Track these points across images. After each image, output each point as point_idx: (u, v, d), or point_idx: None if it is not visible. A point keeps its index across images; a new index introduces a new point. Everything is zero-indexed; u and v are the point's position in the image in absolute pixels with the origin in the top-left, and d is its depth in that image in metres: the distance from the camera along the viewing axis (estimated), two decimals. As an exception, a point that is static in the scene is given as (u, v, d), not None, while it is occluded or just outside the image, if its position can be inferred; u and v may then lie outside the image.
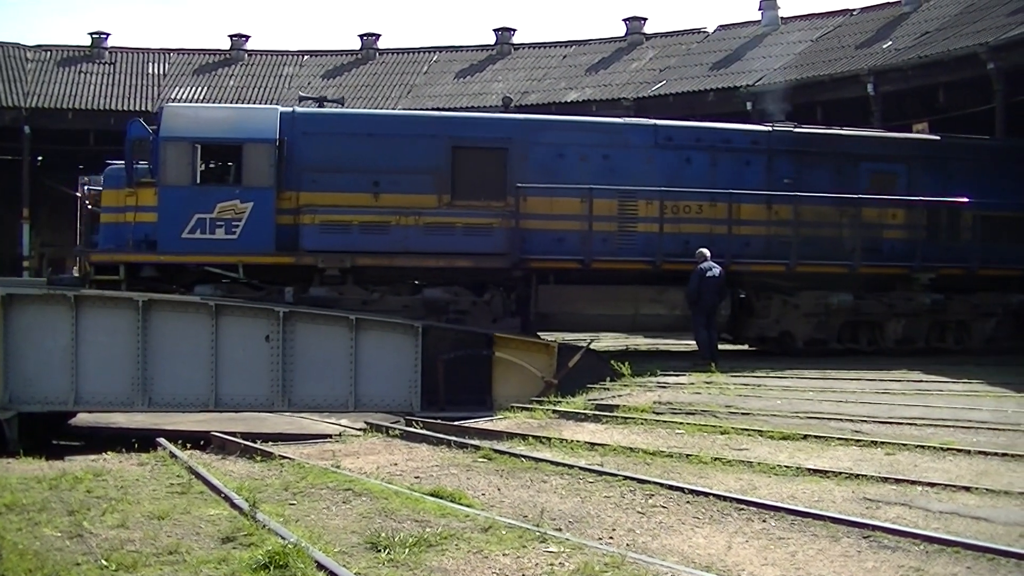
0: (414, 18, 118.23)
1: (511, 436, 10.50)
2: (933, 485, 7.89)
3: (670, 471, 8.65)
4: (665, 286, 16.43)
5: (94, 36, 35.28)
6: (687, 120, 19.44)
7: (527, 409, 12.60)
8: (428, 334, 15.10)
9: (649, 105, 28.24)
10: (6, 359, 14.60)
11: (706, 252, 15.62)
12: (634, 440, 10.13)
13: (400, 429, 11.50)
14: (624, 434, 10.51)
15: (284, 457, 9.75)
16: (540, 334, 16.88)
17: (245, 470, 9.42)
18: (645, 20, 34.37)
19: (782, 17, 31.85)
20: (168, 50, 35.92)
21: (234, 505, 7.50)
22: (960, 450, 9.15)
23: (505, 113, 21.24)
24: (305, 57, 36.38)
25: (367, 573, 5.95)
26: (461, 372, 15.08)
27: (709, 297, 15.43)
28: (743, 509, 7.29)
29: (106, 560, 6.23)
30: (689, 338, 16.86)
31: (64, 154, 35.09)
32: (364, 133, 16.57)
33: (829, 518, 6.90)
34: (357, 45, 36.56)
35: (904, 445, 9.46)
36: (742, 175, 17.19)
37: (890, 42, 26.38)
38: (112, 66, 34.38)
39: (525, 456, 9.36)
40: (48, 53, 34.50)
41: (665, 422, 11.03)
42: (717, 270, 15.45)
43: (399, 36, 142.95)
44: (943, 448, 9.23)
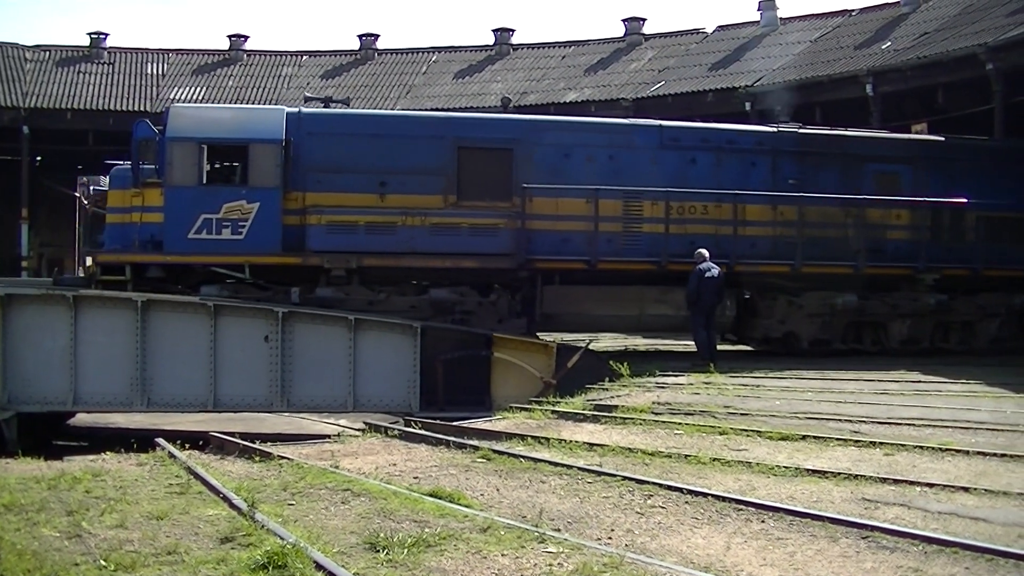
0: (413, 18, 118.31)
1: (510, 436, 10.50)
2: (932, 486, 7.89)
3: (669, 471, 8.65)
4: (671, 286, 16.42)
5: (93, 36, 35.26)
6: (686, 120, 19.43)
7: (526, 409, 12.59)
8: (427, 334, 15.10)
9: (648, 106, 28.24)
10: (5, 359, 14.59)
11: (705, 253, 15.62)
12: (633, 440, 10.14)
13: (399, 429, 11.50)
14: (623, 434, 10.51)
15: (283, 457, 9.74)
16: (546, 334, 16.91)
17: (244, 470, 9.41)
18: (644, 21, 34.39)
19: (781, 18, 31.86)
20: (167, 50, 35.91)
21: (233, 505, 7.49)
22: (959, 451, 9.16)
23: (508, 114, 21.17)
24: (304, 57, 36.37)
25: (366, 573, 5.95)
26: (460, 372, 15.08)
27: (708, 297, 15.45)
28: (742, 509, 7.29)
29: (105, 560, 6.23)
30: (689, 338, 16.87)
31: (63, 154, 35.14)
32: (370, 133, 16.58)
33: (828, 518, 6.90)
34: (356, 45, 36.55)
35: (903, 446, 9.46)
36: (747, 176, 17.22)
37: (889, 43, 26.39)
38: (111, 66, 34.37)
39: (524, 456, 9.36)
40: (47, 53, 34.49)
41: (664, 422, 11.04)
42: (716, 270, 15.46)
43: (398, 36, 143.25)
44: (942, 449, 9.24)
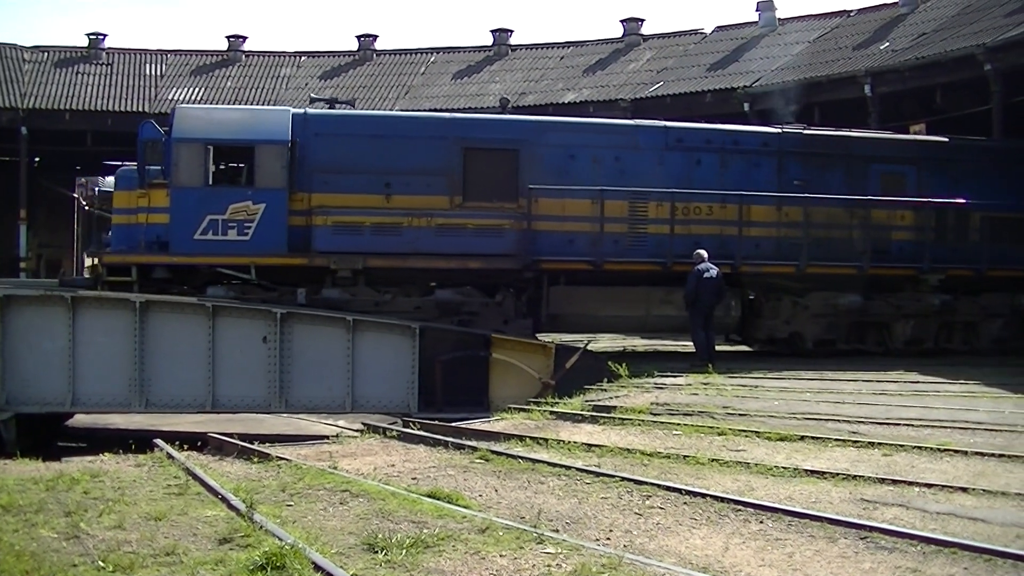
0: (411, 19, 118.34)
1: (508, 437, 10.49)
2: (930, 486, 7.89)
3: (667, 472, 8.64)
4: (676, 287, 16.37)
5: (91, 37, 35.29)
6: (685, 121, 19.42)
7: (524, 410, 12.60)
8: (425, 335, 15.09)
9: (647, 106, 28.24)
10: (4, 360, 14.57)
11: (703, 253, 15.62)
12: (631, 441, 10.13)
13: (397, 430, 11.49)
14: (621, 435, 10.51)
15: (281, 458, 9.74)
16: (552, 335, 16.90)
17: (242, 471, 9.40)
18: (642, 21, 34.42)
19: (779, 18, 31.89)
20: (165, 51, 35.92)
21: (231, 506, 7.48)
22: (957, 451, 9.16)
23: (509, 114, 21.16)
24: (302, 58, 36.37)
25: (364, 574, 5.94)
26: (458, 373, 15.07)
27: (706, 298, 15.45)
28: (740, 510, 7.29)
29: (103, 561, 6.22)
30: (688, 339, 16.86)
31: (61, 155, 35.15)
32: (375, 134, 16.56)
33: (826, 519, 6.90)
34: (354, 46, 36.56)
35: (901, 446, 9.47)
36: (752, 177, 17.24)
37: (887, 43, 26.41)
38: (109, 67, 34.38)
39: (522, 457, 9.35)
40: (45, 54, 34.50)
41: (662, 423, 11.03)
42: (714, 271, 15.46)
43: (396, 37, 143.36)
44: (940, 449, 9.24)
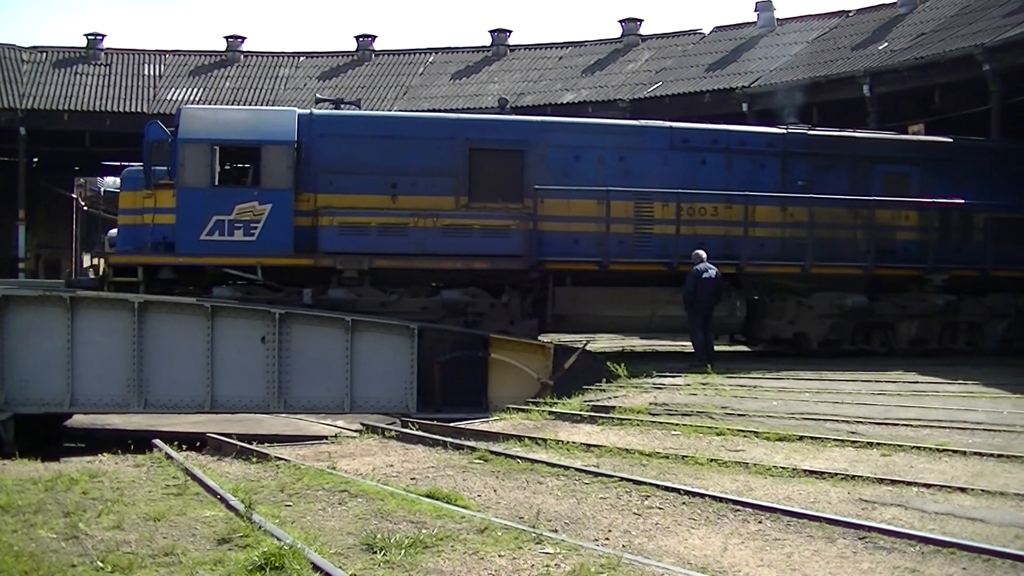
0: (410, 20, 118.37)
1: (507, 437, 10.49)
2: (929, 486, 7.89)
3: (666, 472, 8.64)
4: (682, 287, 16.39)
5: (90, 37, 35.29)
6: (684, 121, 19.42)
7: (523, 410, 12.59)
8: (424, 336, 15.08)
9: (645, 106, 28.26)
10: (2, 361, 14.55)
11: (702, 254, 15.64)
12: (630, 441, 10.13)
13: (396, 430, 11.48)
14: (620, 435, 10.51)
15: (280, 458, 9.72)
16: (558, 335, 16.89)
17: (241, 471, 9.39)
18: (641, 22, 34.48)
19: (778, 19, 31.92)
20: (164, 51, 35.93)
21: (230, 506, 7.47)
22: (956, 451, 9.16)
23: (509, 115, 21.15)
24: (301, 58, 36.38)
25: (363, 574, 5.94)
26: (457, 374, 15.06)
27: (705, 298, 15.46)
28: (739, 510, 7.28)
29: (102, 562, 6.21)
30: (688, 339, 16.85)
31: (60, 155, 35.17)
32: (381, 135, 16.57)
33: (825, 519, 6.90)
34: (353, 47, 36.57)
35: (900, 446, 9.47)
36: (757, 177, 17.26)
37: (886, 43, 26.42)
38: (108, 67, 34.39)
39: (521, 457, 9.35)
40: (44, 54, 34.50)
41: (661, 423, 11.03)
42: (713, 271, 15.48)
43: (395, 38, 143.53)
44: (939, 449, 9.24)
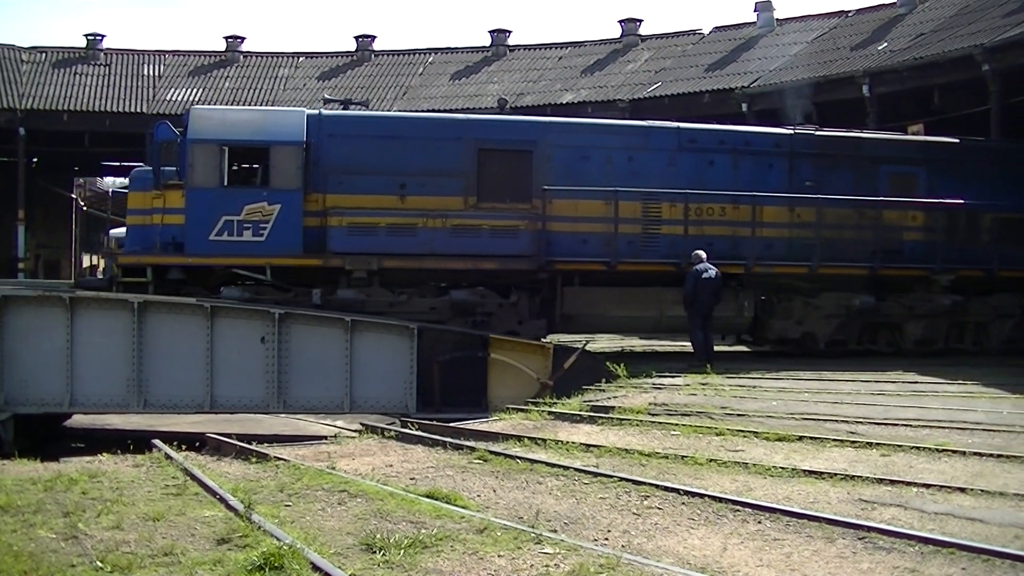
0: (409, 20, 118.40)
1: (506, 437, 10.49)
2: (928, 486, 7.89)
3: (665, 472, 8.64)
4: None
5: (89, 38, 35.30)
6: (684, 121, 19.43)
7: (523, 410, 12.59)
8: (424, 336, 15.07)
9: (645, 107, 28.27)
10: (2, 361, 14.55)
11: (702, 254, 15.65)
12: (629, 441, 10.13)
13: (396, 431, 11.48)
14: (619, 435, 10.51)
15: (279, 458, 9.73)
16: (566, 335, 16.85)
17: (240, 471, 9.39)
18: (640, 22, 34.48)
19: (778, 19, 31.92)
20: (163, 52, 35.94)
21: (229, 506, 7.47)
22: (955, 451, 9.16)
23: (508, 114, 21.15)
24: (300, 59, 36.38)
25: (362, 574, 5.94)
26: (457, 374, 15.06)
27: (705, 299, 15.47)
28: (738, 510, 7.29)
29: (101, 562, 6.21)
30: (687, 339, 16.85)
31: (59, 156, 35.15)
32: (390, 135, 16.57)
33: (824, 519, 6.90)
34: (352, 47, 36.57)
35: (899, 446, 9.47)
36: (764, 177, 17.28)
37: (885, 44, 26.43)
38: (107, 68, 34.39)
39: (520, 457, 9.35)
40: (43, 55, 34.50)
41: (660, 423, 11.03)
42: (713, 271, 15.49)
43: (394, 38, 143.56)
44: (938, 449, 9.25)
